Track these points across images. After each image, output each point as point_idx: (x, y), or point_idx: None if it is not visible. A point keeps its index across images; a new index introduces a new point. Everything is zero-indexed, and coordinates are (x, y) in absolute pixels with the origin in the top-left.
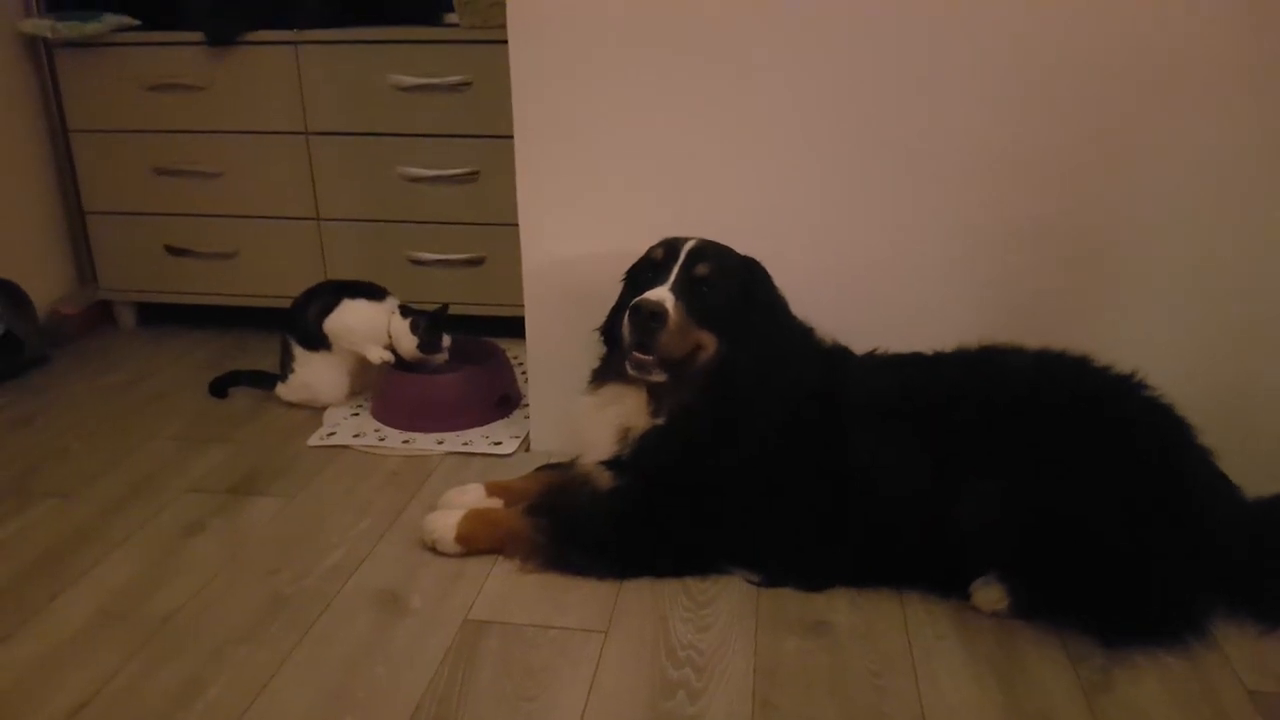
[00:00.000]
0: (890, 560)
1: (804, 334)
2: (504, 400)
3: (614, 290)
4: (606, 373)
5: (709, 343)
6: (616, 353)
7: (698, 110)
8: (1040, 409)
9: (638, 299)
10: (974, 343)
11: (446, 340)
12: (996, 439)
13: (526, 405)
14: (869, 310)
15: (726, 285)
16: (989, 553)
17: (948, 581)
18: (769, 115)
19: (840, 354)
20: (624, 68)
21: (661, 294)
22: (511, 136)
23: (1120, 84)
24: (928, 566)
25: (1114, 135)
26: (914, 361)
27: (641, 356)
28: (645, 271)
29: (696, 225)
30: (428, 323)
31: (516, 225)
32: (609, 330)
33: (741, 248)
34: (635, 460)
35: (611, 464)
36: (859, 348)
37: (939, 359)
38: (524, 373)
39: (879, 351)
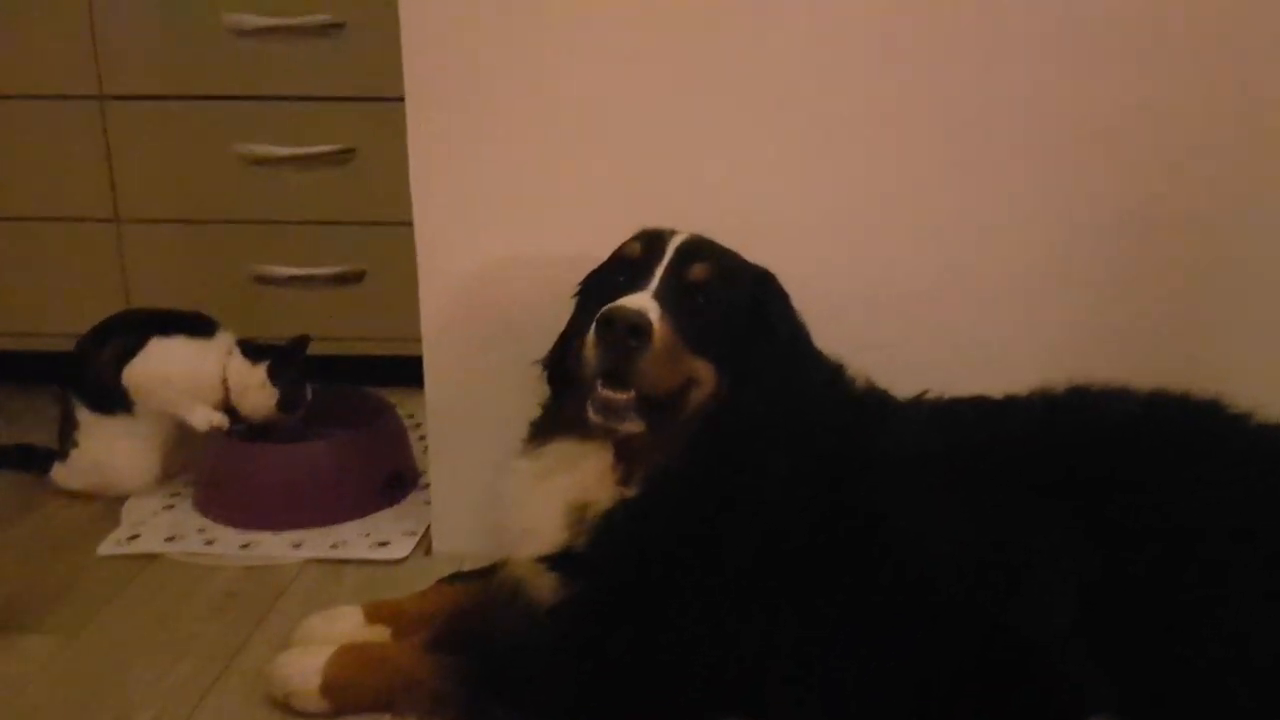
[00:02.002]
0: (955, 695)
1: (831, 373)
2: (394, 480)
3: (555, 314)
4: (552, 425)
5: (706, 377)
6: (569, 394)
7: (675, 69)
8: (1158, 476)
9: (609, 307)
10: (1059, 382)
11: (306, 392)
12: (1098, 521)
13: (427, 485)
14: (915, 339)
15: (731, 299)
16: (1095, 684)
17: None
18: (777, 78)
19: (878, 400)
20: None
21: (642, 301)
22: (401, 99)
23: (1257, 22)
24: (1010, 704)
25: (1251, 95)
26: (977, 410)
27: (611, 394)
28: (614, 275)
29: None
30: (290, 366)
31: (410, 225)
32: (556, 364)
33: None
34: (595, 553)
35: (559, 562)
36: (903, 391)
37: (1012, 406)
38: (423, 438)
39: (929, 396)
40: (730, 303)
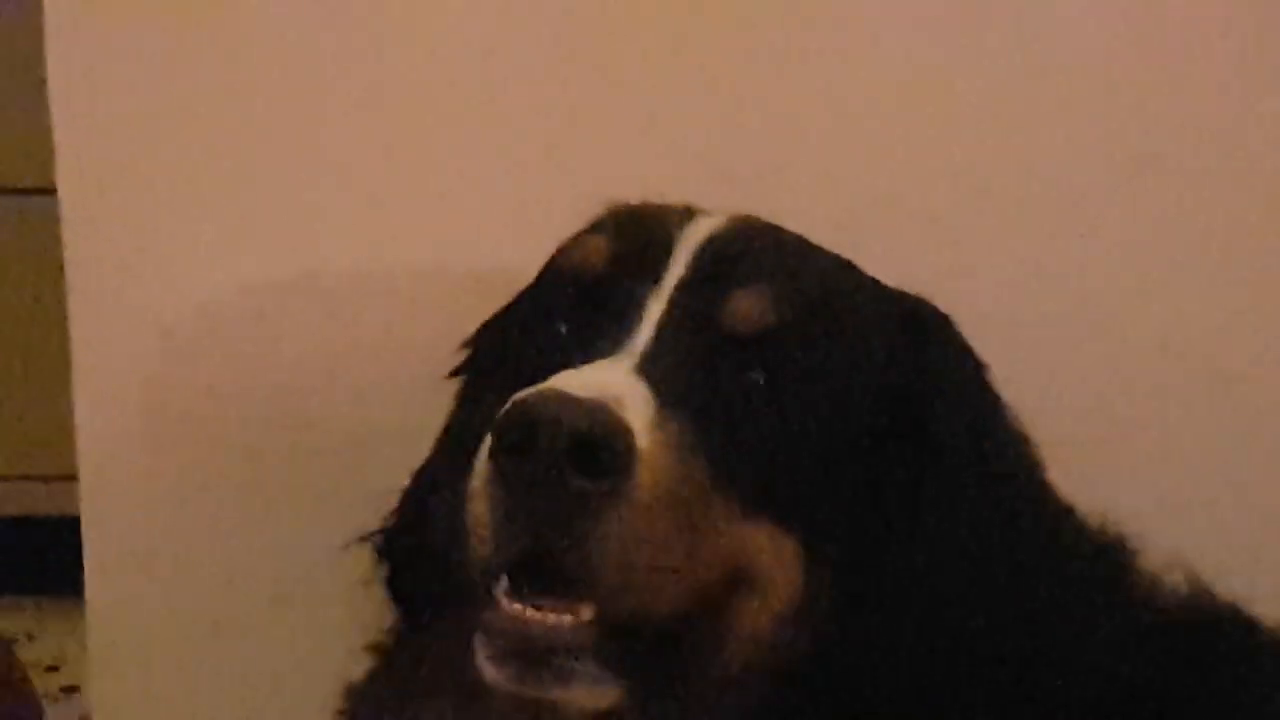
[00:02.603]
0: None
1: (1099, 556)
2: None
3: (405, 417)
4: (400, 688)
5: (770, 568)
6: (439, 611)
7: None
8: None
9: (523, 396)
10: None
11: None
12: None
13: None
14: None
15: (836, 376)
16: None
17: None
18: None
19: (1197, 614)
20: None
21: (611, 381)
22: None
23: None
24: None
25: None
26: None
27: (532, 614)
28: (547, 320)
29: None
30: None
31: (52, 193)
32: (409, 539)
33: None
34: None
35: None
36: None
37: None
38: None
39: None
40: (835, 383)
